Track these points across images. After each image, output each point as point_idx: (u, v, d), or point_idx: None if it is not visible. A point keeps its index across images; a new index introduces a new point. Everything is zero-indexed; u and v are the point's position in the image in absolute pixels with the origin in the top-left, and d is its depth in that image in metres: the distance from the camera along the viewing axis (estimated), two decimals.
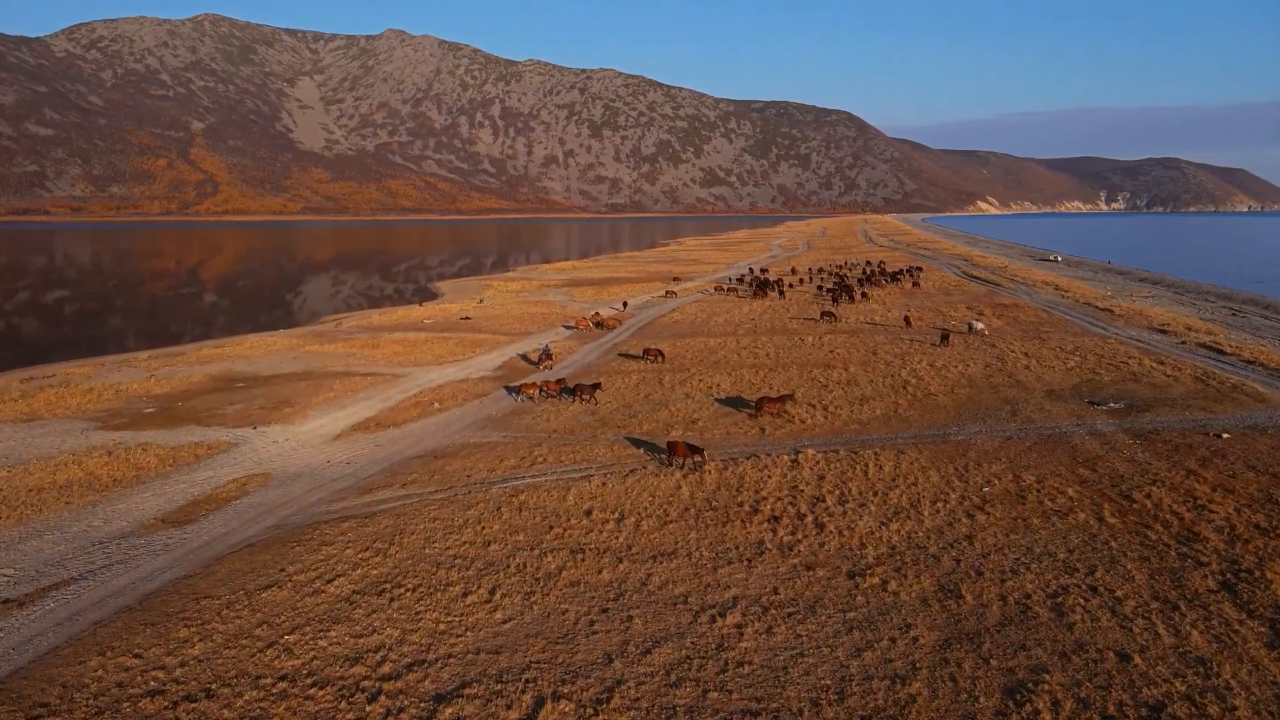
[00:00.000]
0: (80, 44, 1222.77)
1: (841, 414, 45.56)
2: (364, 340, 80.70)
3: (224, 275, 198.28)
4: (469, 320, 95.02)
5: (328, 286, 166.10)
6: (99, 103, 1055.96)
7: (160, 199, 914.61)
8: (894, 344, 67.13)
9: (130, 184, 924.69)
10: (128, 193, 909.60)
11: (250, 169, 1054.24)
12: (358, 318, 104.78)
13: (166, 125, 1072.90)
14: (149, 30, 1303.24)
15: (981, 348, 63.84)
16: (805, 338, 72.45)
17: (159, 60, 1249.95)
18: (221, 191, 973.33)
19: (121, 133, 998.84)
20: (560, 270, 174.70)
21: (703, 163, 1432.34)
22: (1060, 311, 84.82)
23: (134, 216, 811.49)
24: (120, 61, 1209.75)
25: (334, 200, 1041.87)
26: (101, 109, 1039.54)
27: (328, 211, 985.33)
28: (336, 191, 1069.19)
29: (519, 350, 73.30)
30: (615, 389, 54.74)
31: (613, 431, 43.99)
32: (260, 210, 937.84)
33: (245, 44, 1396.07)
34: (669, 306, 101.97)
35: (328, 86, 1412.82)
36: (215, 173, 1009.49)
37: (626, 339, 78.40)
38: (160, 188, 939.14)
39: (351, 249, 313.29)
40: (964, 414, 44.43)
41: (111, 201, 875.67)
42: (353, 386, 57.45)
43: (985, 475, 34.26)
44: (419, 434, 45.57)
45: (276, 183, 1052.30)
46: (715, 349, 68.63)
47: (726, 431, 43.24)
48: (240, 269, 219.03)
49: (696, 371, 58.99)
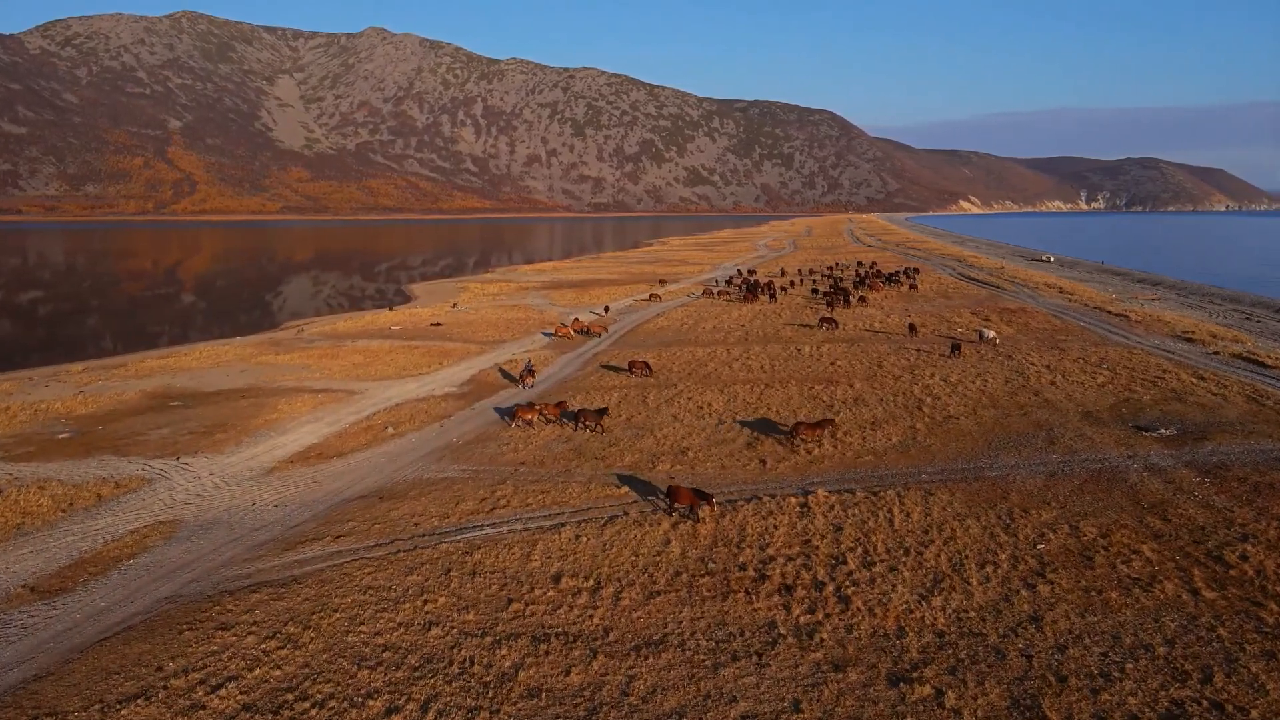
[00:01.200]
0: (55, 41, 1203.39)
1: (852, 442, 39.70)
2: (323, 350, 74.38)
3: (192, 277, 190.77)
4: (439, 327, 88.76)
5: (298, 289, 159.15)
6: (74, 100, 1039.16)
7: (136, 198, 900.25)
8: (900, 355, 61.39)
9: (106, 183, 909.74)
10: (103, 192, 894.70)
11: (229, 168, 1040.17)
12: (322, 323, 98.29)
13: (143, 123, 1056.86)
14: (125, 27, 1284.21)
15: (997, 359, 58.17)
16: (802, 347, 66.61)
17: (135, 58, 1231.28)
18: (199, 191, 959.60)
19: (97, 131, 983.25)
20: (540, 271, 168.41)
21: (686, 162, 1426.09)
22: (1071, 317, 79.39)
23: (109, 216, 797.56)
24: (96, 59, 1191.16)
25: (314, 200, 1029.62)
26: (76, 107, 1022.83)
27: (308, 211, 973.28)
28: (316, 191, 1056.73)
29: (492, 361, 67.17)
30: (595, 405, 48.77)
31: (589, 464, 37.98)
32: (239, 210, 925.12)
33: (223, 41, 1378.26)
34: (653, 311, 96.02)
35: (308, 85, 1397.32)
36: (193, 172, 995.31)
37: (608, 348, 72.38)
38: (136, 187, 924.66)
39: (329, 249, 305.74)
40: (993, 442, 38.68)
41: (86, 201, 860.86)
42: (300, 406, 51.14)
43: (1036, 526, 28.47)
44: (366, 467, 39.37)
45: (255, 182, 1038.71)
46: (704, 360, 62.70)
47: (721, 464, 37.31)
48: (211, 271, 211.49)
49: (685, 388, 53.03)
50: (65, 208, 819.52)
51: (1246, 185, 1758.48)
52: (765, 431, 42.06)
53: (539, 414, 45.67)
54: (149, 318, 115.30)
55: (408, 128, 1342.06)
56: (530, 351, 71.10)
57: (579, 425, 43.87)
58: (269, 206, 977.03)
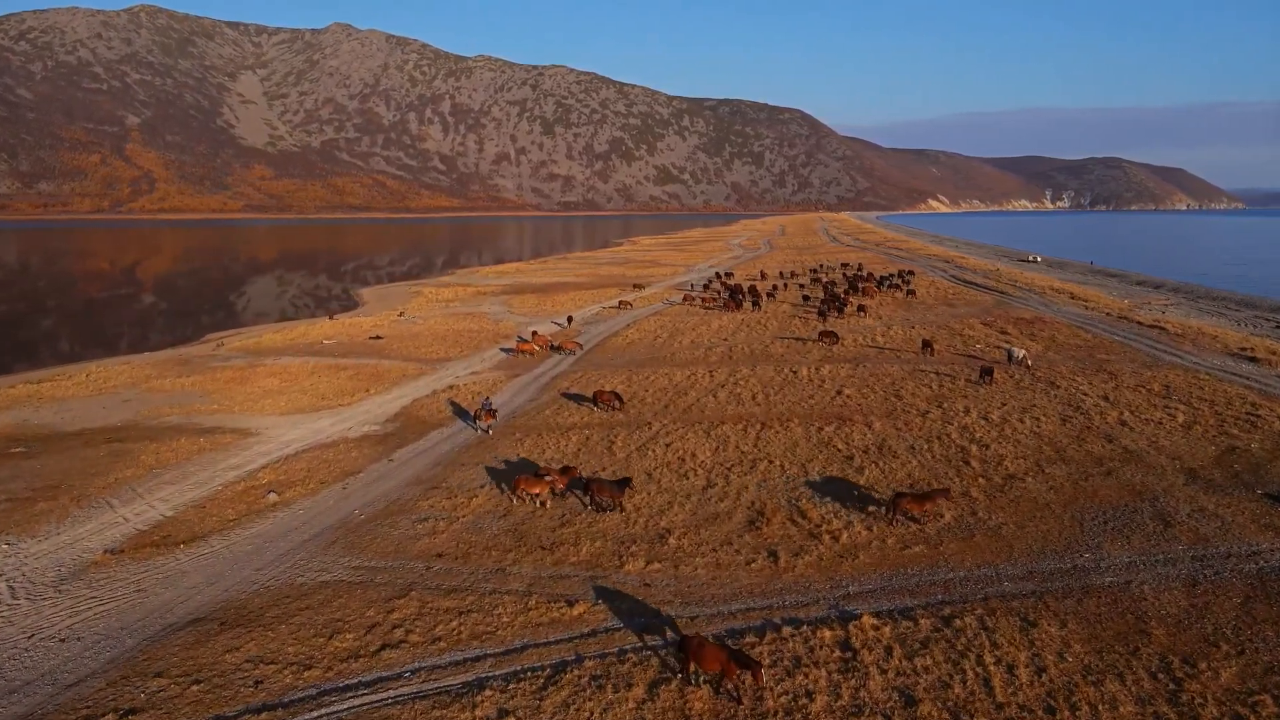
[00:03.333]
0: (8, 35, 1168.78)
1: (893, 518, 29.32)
2: (235, 371, 62.99)
3: (125, 281, 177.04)
4: (378, 341, 77.52)
5: (237, 295, 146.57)
6: (28, 96, 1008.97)
7: (92, 196, 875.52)
8: (919, 381, 51.14)
9: (60, 181, 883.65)
10: (57, 190, 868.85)
11: (189, 165, 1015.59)
12: (248, 335, 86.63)
13: (100, 120, 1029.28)
14: (81, 21, 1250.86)
15: (1039, 387, 48.08)
16: (798, 369, 56.21)
17: (92, 52, 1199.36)
18: (159, 189, 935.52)
19: (51, 127, 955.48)
20: (502, 274, 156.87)
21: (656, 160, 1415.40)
22: (1100, 329, 69.68)
23: (62, 215, 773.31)
24: (50, 53, 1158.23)
25: (278, 198, 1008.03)
26: (30, 103, 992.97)
27: (271, 210, 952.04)
28: (280, 189, 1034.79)
29: (431, 386, 56.21)
30: (549, 459, 38.03)
31: (532, 558, 27.25)
32: (199, 208, 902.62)
33: (183, 36, 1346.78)
34: (623, 321, 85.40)
35: (271, 81, 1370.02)
36: (152, 169, 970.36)
37: (570, 368, 61.61)
38: (93, 184, 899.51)
39: (285, 250, 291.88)
40: (1083, 520, 28.44)
41: (39, 199, 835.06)
42: (169, 456, 39.92)
43: (1220, 696, 18.17)
44: (221, 562, 28.28)
45: (217, 180, 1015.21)
46: (683, 387, 52.11)
47: (715, 560, 26.71)
48: (150, 274, 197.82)
49: (661, 428, 42.40)
50: (17, 206, 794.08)
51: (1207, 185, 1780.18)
52: (770, 497, 31.61)
53: (550, 488, 32.62)
54: (51, 330, 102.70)
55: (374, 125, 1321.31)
56: (475, 375, 60.14)
57: (591, 502, 32.00)
58: (231, 205, 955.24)
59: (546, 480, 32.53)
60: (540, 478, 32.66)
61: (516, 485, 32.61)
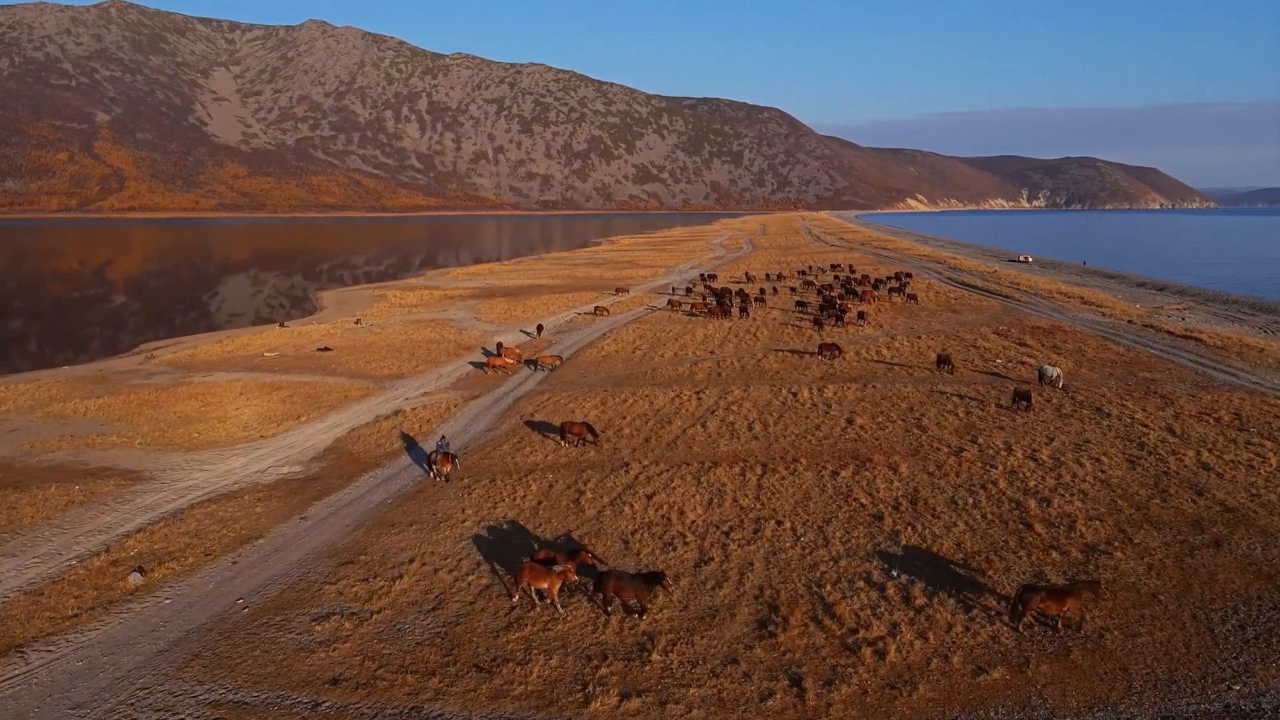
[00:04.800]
0: None
1: (942, 616, 21.93)
2: (153, 391, 54.98)
3: (75, 284, 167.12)
4: (325, 353, 69.56)
5: (190, 298, 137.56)
6: None
7: (60, 195, 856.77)
8: (940, 406, 43.86)
9: (27, 179, 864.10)
10: (24, 188, 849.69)
11: (161, 163, 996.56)
12: (185, 346, 78.41)
13: (68, 117, 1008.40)
14: (50, 17, 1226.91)
15: (1085, 416, 40.88)
16: (798, 389, 48.83)
17: (60, 48, 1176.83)
18: (129, 187, 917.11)
19: (18, 124, 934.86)
20: (474, 276, 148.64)
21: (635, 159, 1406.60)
22: (1129, 340, 62.77)
23: (28, 213, 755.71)
24: (18, 49, 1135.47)
25: (251, 197, 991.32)
26: None
27: (244, 209, 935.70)
28: (254, 187, 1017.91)
29: (374, 411, 48.46)
30: (500, 516, 30.48)
31: (461, 690, 19.55)
32: (171, 207, 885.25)
33: (155, 32, 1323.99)
34: (599, 329, 77.83)
35: (245, 78, 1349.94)
36: (122, 167, 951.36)
37: (536, 387, 54.00)
38: (60, 183, 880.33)
39: (253, 250, 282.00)
40: (1209, 621, 21.15)
41: (5, 197, 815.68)
42: (30, 511, 31.86)
43: None
44: (23, 698, 20.17)
45: (189, 178, 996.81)
46: (667, 414, 44.60)
47: (717, 694, 19.04)
48: (103, 276, 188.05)
49: (642, 471, 34.87)
50: None
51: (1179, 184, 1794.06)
52: (784, 581, 24.18)
53: (560, 580, 23.54)
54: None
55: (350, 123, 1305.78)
56: (428, 396, 52.38)
57: (603, 601, 23.16)
58: (204, 204, 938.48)
59: (557, 573, 23.47)
60: (549, 569, 23.45)
61: (520, 576, 23.58)
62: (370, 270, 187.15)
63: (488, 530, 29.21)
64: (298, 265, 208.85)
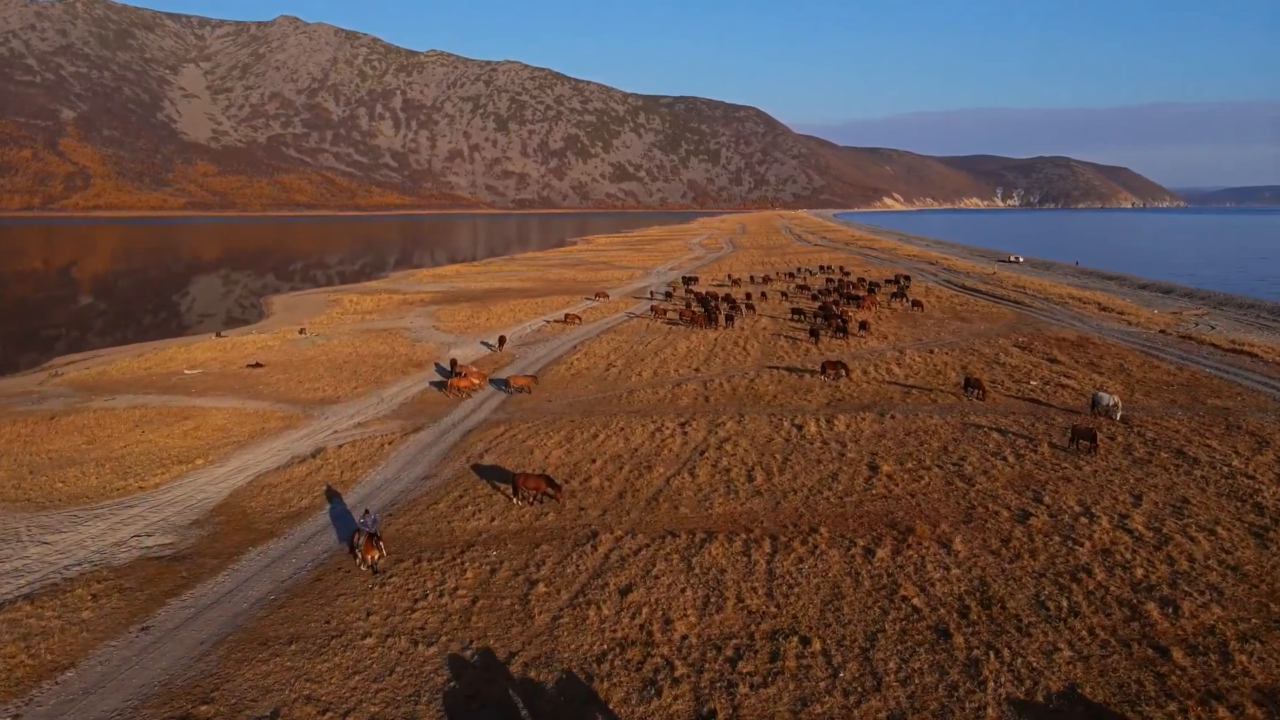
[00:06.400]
0: None
1: None
2: (36, 420, 46.32)
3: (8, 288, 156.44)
4: (256, 370, 60.81)
5: (130, 304, 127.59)
6: None
7: (22, 192, 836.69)
8: (978, 445, 35.78)
9: None
10: None
11: (128, 161, 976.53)
12: (98, 362, 69.13)
13: (32, 113, 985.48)
14: (14, 12, 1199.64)
15: (1166, 461, 32.85)
16: (803, 421, 40.62)
17: (24, 44, 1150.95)
18: (94, 185, 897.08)
19: None
20: (439, 278, 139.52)
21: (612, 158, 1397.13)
22: (1174, 357, 55.01)
23: None
24: None
25: (221, 195, 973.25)
26: None
27: (214, 207, 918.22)
28: (224, 186, 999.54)
29: (291, 448, 39.89)
30: (417, 628, 22.09)
31: None
32: (137, 205, 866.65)
33: (123, 28, 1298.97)
34: (569, 341, 69.38)
35: (215, 75, 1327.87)
36: (88, 164, 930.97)
37: (490, 416, 45.54)
38: (23, 180, 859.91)
39: (215, 250, 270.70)
40: None
41: None
42: None
43: None
44: None
45: (158, 176, 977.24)
46: (646, 457, 36.28)
47: None
48: (44, 279, 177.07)
49: (614, 549, 26.50)
50: None
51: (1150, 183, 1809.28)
52: None
53: None
54: None
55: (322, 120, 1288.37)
56: (362, 428, 43.74)
57: None
58: (172, 202, 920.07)
59: None
60: None
61: None
62: (334, 272, 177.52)
63: (397, 656, 20.77)
64: (258, 266, 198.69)
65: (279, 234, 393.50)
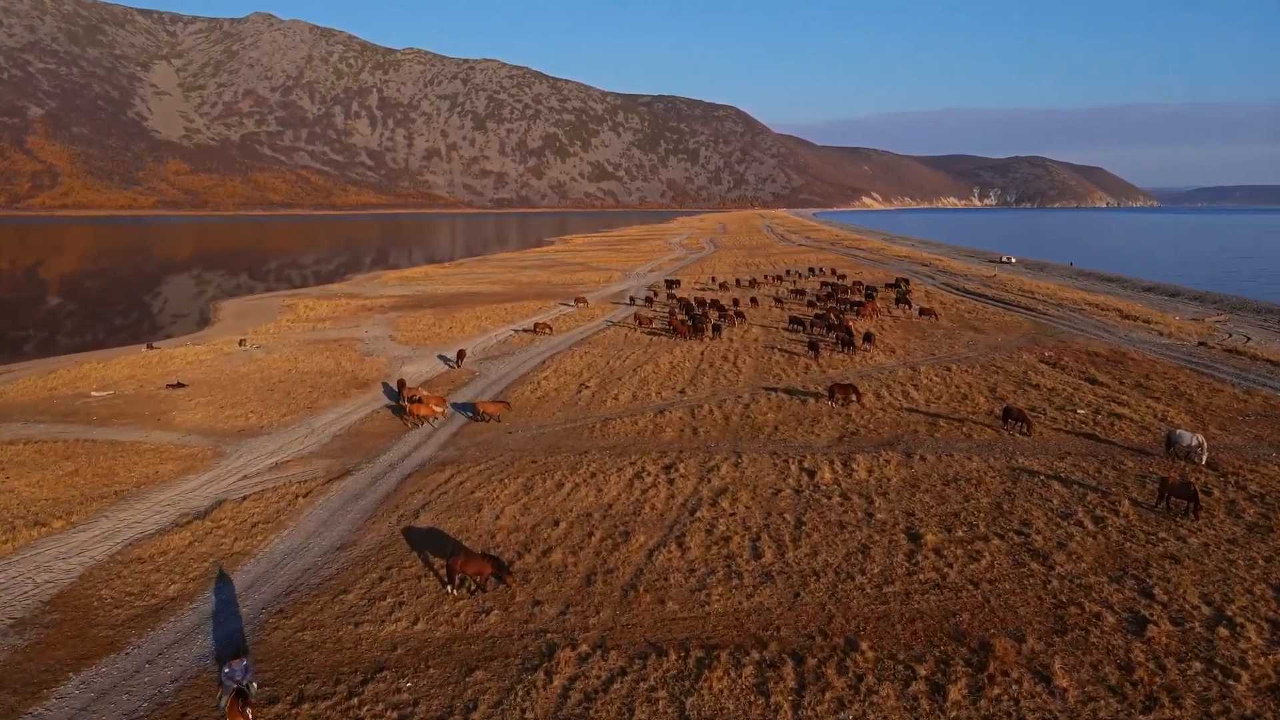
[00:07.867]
0: None
1: None
2: None
3: None
4: (177, 390, 52.78)
5: (66, 310, 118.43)
6: None
7: None
8: (1040, 503, 28.41)
9: None
10: None
11: (97, 159, 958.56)
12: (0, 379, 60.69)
13: None
14: None
15: None
16: (816, 466, 33.15)
17: None
18: (62, 183, 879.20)
19: None
20: (407, 281, 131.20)
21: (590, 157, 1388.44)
22: (1228, 375, 47.94)
23: None
24: None
25: (193, 194, 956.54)
26: None
27: (185, 206, 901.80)
28: (197, 185, 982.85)
29: (184, 500, 32.09)
30: None
31: None
32: (107, 204, 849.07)
33: (92, 24, 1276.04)
34: (538, 354, 61.65)
35: (187, 72, 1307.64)
36: (56, 163, 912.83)
37: (436, 453, 37.84)
38: None
39: (181, 250, 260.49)
40: None
41: None
42: None
43: None
44: None
45: (128, 174, 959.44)
46: (623, 518, 28.67)
47: None
48: None
49: (577, 678, 18.86)
50: None
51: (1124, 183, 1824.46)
52: None
53: None
54: None
55: (297, 118, 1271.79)
56: (281, 467, 35.93)
57: None
58: (142, 201, 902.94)
59: None
60: None
61: None
62: (300, 273, 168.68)
63: None
64: (221, 268, 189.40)
65: (250, 234, 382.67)
